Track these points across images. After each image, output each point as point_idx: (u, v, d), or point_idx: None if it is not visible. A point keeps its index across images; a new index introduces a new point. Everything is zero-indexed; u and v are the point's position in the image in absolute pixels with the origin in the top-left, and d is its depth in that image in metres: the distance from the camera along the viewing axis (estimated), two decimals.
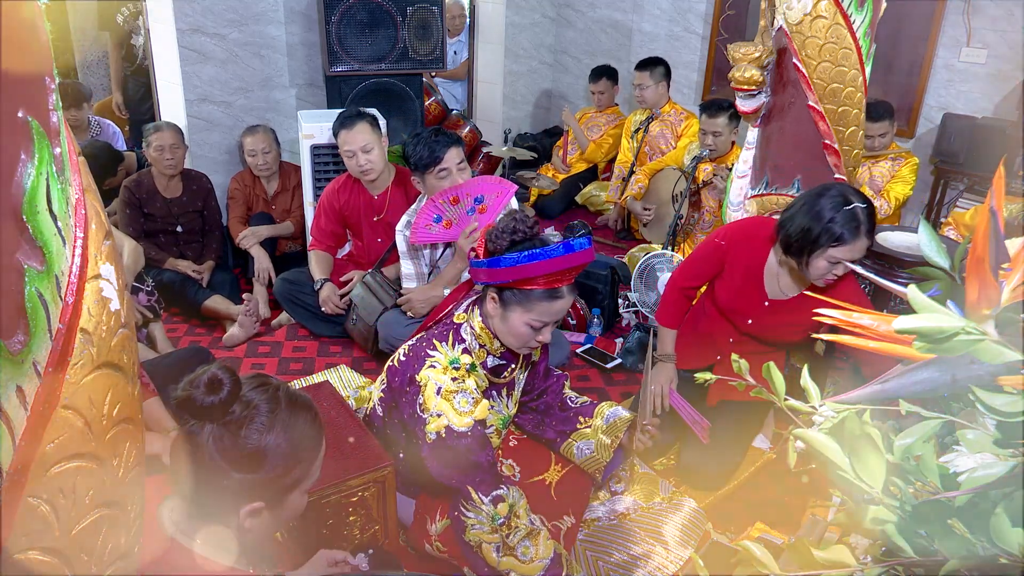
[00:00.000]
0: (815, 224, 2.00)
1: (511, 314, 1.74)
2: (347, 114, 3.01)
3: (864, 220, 1.99)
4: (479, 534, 1.71)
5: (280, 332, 3.31)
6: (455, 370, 1.76)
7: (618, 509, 2.14)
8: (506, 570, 1.70)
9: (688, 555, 2.01)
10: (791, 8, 2.23)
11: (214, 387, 1.08)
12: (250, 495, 1.14)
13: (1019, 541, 0.65)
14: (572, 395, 2.10)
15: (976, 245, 0.64)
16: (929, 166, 4.05)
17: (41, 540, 0.72)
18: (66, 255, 0.71)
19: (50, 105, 0.71)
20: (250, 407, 1.13)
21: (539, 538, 1.72)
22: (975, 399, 0.68)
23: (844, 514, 0.79)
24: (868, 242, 2.02)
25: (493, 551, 1.70)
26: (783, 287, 2.25)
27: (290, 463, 1.15)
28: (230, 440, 1.11)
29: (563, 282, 1.71)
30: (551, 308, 1.72)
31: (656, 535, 2.06)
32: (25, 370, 0.67)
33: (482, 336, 1.82)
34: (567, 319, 3.36)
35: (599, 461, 1.98)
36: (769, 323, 2.27)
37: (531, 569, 1.69)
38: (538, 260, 1.63)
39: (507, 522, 1.72)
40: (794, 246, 2.07)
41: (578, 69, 5.73)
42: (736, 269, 2.30)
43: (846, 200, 2.00)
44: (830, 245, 2.00)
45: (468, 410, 1.73)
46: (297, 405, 1.19)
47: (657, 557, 2.00)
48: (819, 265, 2.05)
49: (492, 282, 1.72)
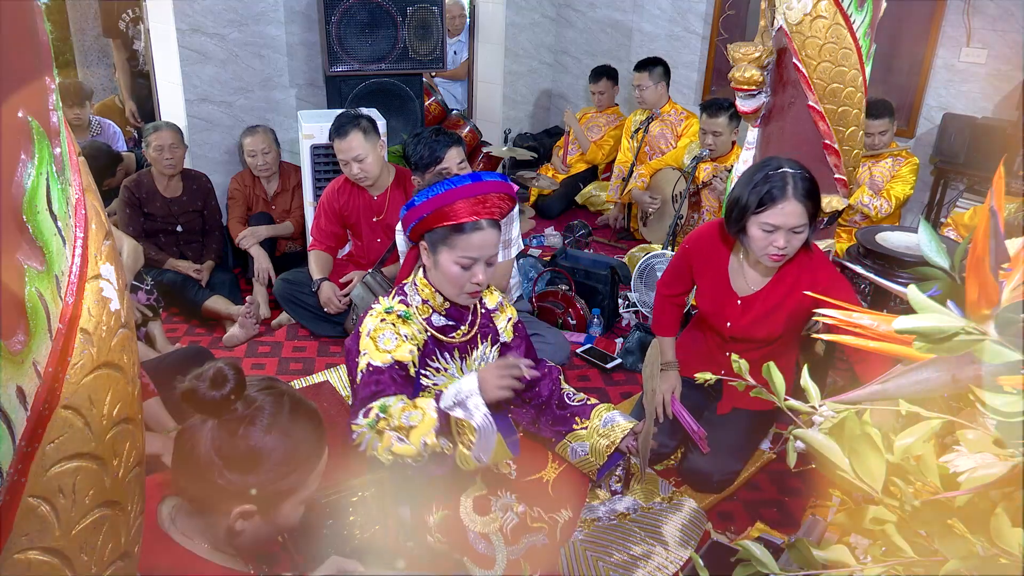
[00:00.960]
0: (744, 191, 1.98)
1: (440, 257, 1.77)
2: (342, 121, 2.97)
3: (793, 182, 1.93)
4: (375, 449, 1.66)
5: (280, 332, 3.31)
6: (387, 314, 1.81)
7: (618, 509, 2.14)
8: (421, 442, 1.62)
9: (688, 555, 2.01)
10: (791, 8, 2.23)
11: (218, 382, 1.08)
12: (243, 497, 1.13)
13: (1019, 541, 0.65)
14: (570, 391, 2.09)
15: (976, 245, 0.64)
16: (929, 166, 4.05)
17: (41, 540, 0.72)
18: (66, 255, 0.71)
19: (50, 105, 0.71)
20: (253, 407, 1.13)
21: (415, 402, 1.69)
22: (975, 399, 0.68)
23: (844, 514, 0.79)
24: (801, 207, 1.94)
25: (399, 443, 1.62)
26: (749, 281, 2.22)
27: (285, 469, 1.15)
28: (229, 438, 1.11)
29: (481, 214, 1.72)
30: (472, 241, 1.73)
31: (656, 535, 2.06)
32: (25, 370, 0.67)
33: (424, 291, 1.86)
34: (567, 319, 3.36)
35: (592, 464, 1.98)
36: (746, 322, 2.23)
37: (426, 421, 1.63)
38: (447, 188, 1.69)
39: (383, 417, 1.66)
40: (731, 219, 2.05)
41: (578, 69, 5.73)
42: (704, 272, 2.28)
43: (778, 166, 1.96)
44: (756, 210, 1.96)
45: (390, 348, 1.76)
46: (300, 412, 1.18)
47: (657, 557, 2.00)
48: (755, 235, 2.00)
49: (414, 223, 1.75)
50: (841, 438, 0.74)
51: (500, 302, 2.03)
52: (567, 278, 3.47)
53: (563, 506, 1.94)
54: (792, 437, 0.77)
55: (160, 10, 3.79)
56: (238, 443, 1.11)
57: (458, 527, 1.81)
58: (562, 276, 3.50)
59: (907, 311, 0.66)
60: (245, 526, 1.16)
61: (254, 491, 1.12)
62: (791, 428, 0.77)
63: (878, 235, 2.68)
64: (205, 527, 1.18)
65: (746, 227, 2.02)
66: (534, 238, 4.51)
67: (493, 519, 1.83)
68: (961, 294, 0.67)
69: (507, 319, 2.02)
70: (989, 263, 0.63)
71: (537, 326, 3.00)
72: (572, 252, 3.72)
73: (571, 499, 1.97)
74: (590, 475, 2.05)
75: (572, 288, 3.44)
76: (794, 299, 2.15)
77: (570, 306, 3.38)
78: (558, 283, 3.51)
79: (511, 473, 1.99)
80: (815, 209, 1.99)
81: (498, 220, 1.78)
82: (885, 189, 3.60)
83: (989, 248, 0.63)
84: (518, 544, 1.82)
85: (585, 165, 5.07)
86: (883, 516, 0.76)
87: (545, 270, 3.58)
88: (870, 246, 2.59)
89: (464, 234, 1.73)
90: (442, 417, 1.63)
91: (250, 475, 1.12)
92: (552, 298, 3.42)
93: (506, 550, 1.80)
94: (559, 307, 3.39)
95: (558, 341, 2.96)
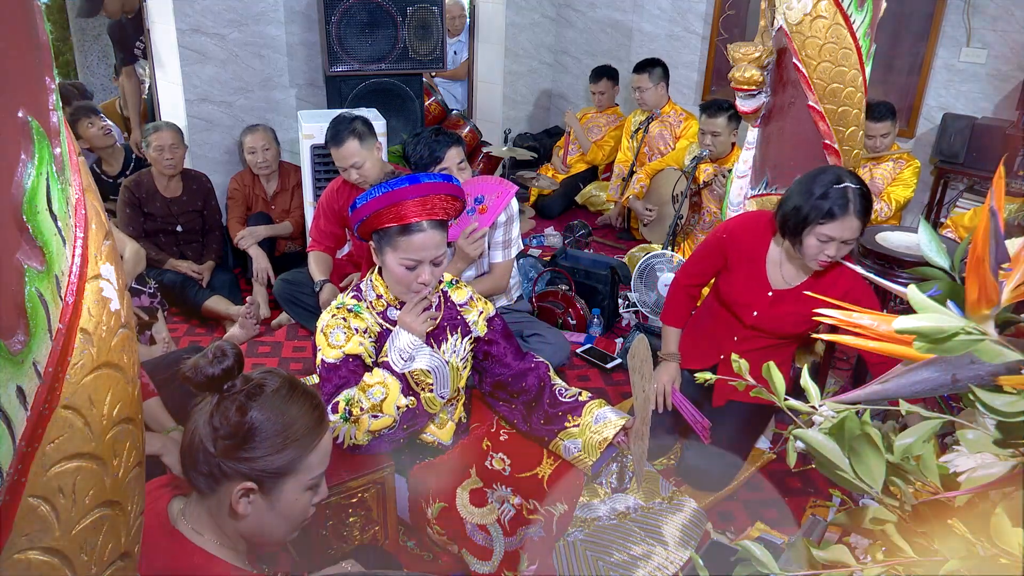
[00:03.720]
0: (805, 201, 2.02)
1: (386, 257, 1.80)
2: (337, 128, 2.94)
3: (854, 199, 1.99)
4: (353, 438, 1.76)
5: (280, 332, 3.31)
6: (338, 310, 1.86)
7: (618, 509, 2.14)
8: (394, 408, 1.74)
9: (688, 555, 2.01)
10: (791, 8, 2.23)
11: (218, 356, 1.14)
12: (240, 474, 1.15)
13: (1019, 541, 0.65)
14: (561, 387, 2.08)
15: (976, 245, 0.64)
16: (929, 166, 4.05)
17: (41, 540, 0.72)
18: (66, 255, 0.71)
19: (50, 105, 0.71)
20: (250, 383, 1.18)
21: (365, 381, 1.77)
22: (975, 399, 0.68)
23: (844, 514, 0.79)
24: (858, 223, 2.02)
25: (374, 420, 1.74)
26: (786, 276, 2.25)
27: (280, 442, 1.16)
28: (225, 411, 1.15)
29: (423, 216, 1.73)
30: (413, 243, 1.75)
31: (656, 535, 2.06)
32: (25, 370, 0.67)
33: (378, 286, 1.89)
34: (567, 319, 3.36)
35: (585, 461, 1.97)
36: (774, 314, 2.26)
37: (392, 389, 1.75)
38: (388, 190, 1.71)
39: (350, 406, 1.76)
40: (787, 225, 2.08)
41: (578, 69, 5.73)
42: (739, 261, 2.30)
43: (839, 179, 2.00)
44: (818, 221, 2.00)
45: (340, 343, 1.81)
46: (297, 392, 1.21)
47: (657, 557, 2.00)
48: (810, 244, 2.05)
49: (357, 224, 1.78)
50: (841, 438, 0.74)
51: (471, 296, 2.03)
52: (567, 278, 3.47)
53: (558, 499, 1.94)
54: (792, 437, 0.77)
55: (160, 10, 3.79)
56: (233, 416, 1.14)
57: (456, 518, 1.81)
58: (562, 276, 3.50)
59: (907, 311, 0.66)
60: (248, 508, 1.17)
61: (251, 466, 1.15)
62: (791, 428, 0.77)
63: (878, 235, 2.68)
64: (211, 518, 1.19)
65: (802, 236, 2.06)
66: (534, 238, 4.51)
67: (490, 510, 1.83)
68: (961, 294, 0.67)
69: (479, 312, 2.02)
70: (989, 263, 0.63)
71: (537, 326, 3.00)
72: (572, 252, 3.72)
73: (566, 493, 1.98)
74: (585, 471, 2.05)
75: (572, 288, 3.44)
76: (821, 302, 2.16)
77: (570, 306, 3.38)
78: (558, 283, 3.52)
79: (506, 470, 1.99)
80: (866, 223, 2.05)
81: (443, 220, 1.80)
82: (886, 192, 3.59)
83: (989, 248, 0.63)
84: (515, 536, 1.82)
85: (585, 165, 5.07)
86: (883, 516, 0.75)
87: (545, 270, 3.58)
88: (870, 246, 2.59)
89: (406, 236, 1.74)
90: (401, 379, 1.75)
91: (244, 448, 1.14)
92: (552, 298, 3.42)
93: (504, 542, 1.80)
94: (559, 307, 3.39)
95: (558, 341, 2.96)
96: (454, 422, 2.04)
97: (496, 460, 2.00)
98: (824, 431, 0.75)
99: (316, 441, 1.22)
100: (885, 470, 0.72)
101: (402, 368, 1.77)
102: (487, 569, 1.78)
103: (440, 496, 1.86)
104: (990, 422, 0.71)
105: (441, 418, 2.00)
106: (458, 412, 2.05)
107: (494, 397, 2.09)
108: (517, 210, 2.89)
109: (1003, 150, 3.64)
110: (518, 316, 2.99)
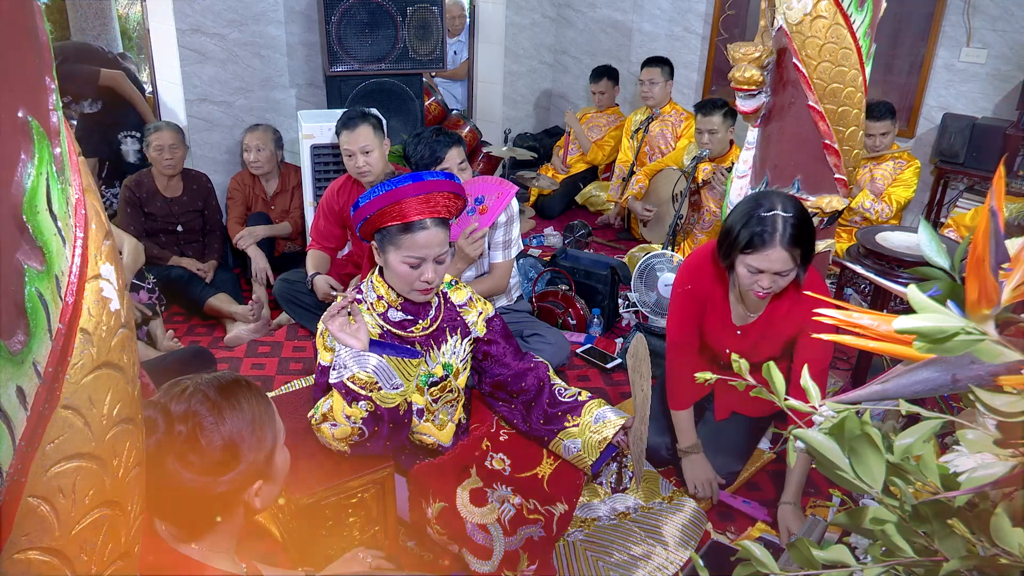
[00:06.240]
0: (734, 227, 1.93)
1: (388, 256, 1.79)
2: (351, 115, 2.99)
3: (782, 228, 1.86)
4: (329, 445, 1.76)
5: (280, 332, 3.31)
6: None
7: (618, 509, 2.14)
8: (344, 417, 1.69)
9: (688, 555, 2.01)
10: (791, 8, 2.23)
11: (149, 430, 1.08)
12: (244, 482, 1.16)
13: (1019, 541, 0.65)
14: (561, 387, 2.08)
15: (976, 245, 0.64)
16: (929, 166, 4.05)
17: (41, 540, 0.72)
18: (66, 255, 0.71)
19: (50, 105, 0.71)
20: (189, 418, 1.12)
21: None
22: (975, 399, 0.68)
23: (844, 514, 0.79)
24: (786, 255, 1.88)
25: (333, 428, 1.71)
26: (748, 308, 2.18)
27: (259, 432, 1.17)
28: (197, 456, 1.10)
29: (426, 213, 1.73)
30: (417, 241, 1.75)
31: (656, 535, 2.06)
32: (25, 370, 0.67)
33: (379, 287, 1.88)
34: (567, 319, 3.36)
35: (585, 460, 1.97)
36: (746, 348, 2.19)
37: (336, 399, 1.70)
38: (390, 188, 1.70)
39: (314, 414, 1.77)
40: (722, 254, 2.01)
41: (578, 69, 5.73)
42: (708, 306, 2.23)
43: (770, 207, 1.88)
44: (742, 251, 1.92)
45: (331, 346, 1.79)
46: (225, 385, 1.18)
47: (657, 557, 2.00)
48: (741, 273, 1.96)
49: (359, 223, 1.78)
50: (841, 438, 0.74)
51: (470, 297, 2.03)
52: (567, 278, 3.48)
53: (558, 499, 1.94)
54: (792, 437, 0.77)
55: (160, 10, 3.79)
56: (208, 452, 1.11)
57: (456, 518, 1.81)
58: (562, 276, 3.50)
59: (907, 311, 0.66)
60: (260, 501, 1.20)
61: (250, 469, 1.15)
62: (791, 428, 0.77)
63: (878, 235, 2.68)
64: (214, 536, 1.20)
65: (734, 263, 1.99)
66: (534, 238, 4.51)
67: (490, 510, 1.83)
68: (961, 294, 0.67)
69: (478, 313, 2.02)
70: (989, 263, 0.63)
71: (537, 326, 3.00)
72: (572, 252, 3.72)
73: (566, 493, 1.98)
74: (585, 471, 2.05)
75: (572, 288, 3.45)
76: (790, 325, 2.14)
77: (570, 306, 3.38)
78: (558, 283, 3.52)
79: (506, 469, 1.99)
80: (806, 253, 1.93)
81: (446, 219, 1.80)
82: (886, 193, 3.59)
83: (989, 248, 0.63)
84: (516, 535, 1.82)
85: (585, 165, 5.07)
86: (883, 516, 0.76)
87: (545, 270, 3.58)
88: (870, 246, 2.59)
89: (409, 234, 1.74)
90: (343, 388, 1.67)
91: (240, 463, 1.14)
92: (552, 298, 3.42)
93: (504, 541, 1.80)
94: (559, 307, 3.39)
95: (558, 341, 2.96)
96: (454, 423, 2.03)
97: (496, 460, 2.00)
98: (824, 431, 0.75)
99: (272, 405, 1.24)
100: (885, 470, 0.72)
101: (336, 378, 1.68)
102: (487, 569, 1.78)
103: (440, 496, 1.85)
104: (990, 422, 0.71)
105: (441, 419, 2.00)
106: (458, 413, 2.05)
107: (494, 397, 2.08)
108: (517, 210, 2.89)
109: (1003, 150, 3.64)
110: (518, 316, 2.99)
